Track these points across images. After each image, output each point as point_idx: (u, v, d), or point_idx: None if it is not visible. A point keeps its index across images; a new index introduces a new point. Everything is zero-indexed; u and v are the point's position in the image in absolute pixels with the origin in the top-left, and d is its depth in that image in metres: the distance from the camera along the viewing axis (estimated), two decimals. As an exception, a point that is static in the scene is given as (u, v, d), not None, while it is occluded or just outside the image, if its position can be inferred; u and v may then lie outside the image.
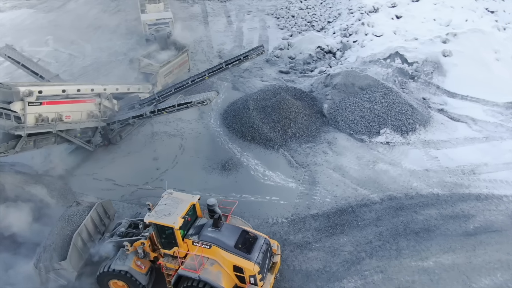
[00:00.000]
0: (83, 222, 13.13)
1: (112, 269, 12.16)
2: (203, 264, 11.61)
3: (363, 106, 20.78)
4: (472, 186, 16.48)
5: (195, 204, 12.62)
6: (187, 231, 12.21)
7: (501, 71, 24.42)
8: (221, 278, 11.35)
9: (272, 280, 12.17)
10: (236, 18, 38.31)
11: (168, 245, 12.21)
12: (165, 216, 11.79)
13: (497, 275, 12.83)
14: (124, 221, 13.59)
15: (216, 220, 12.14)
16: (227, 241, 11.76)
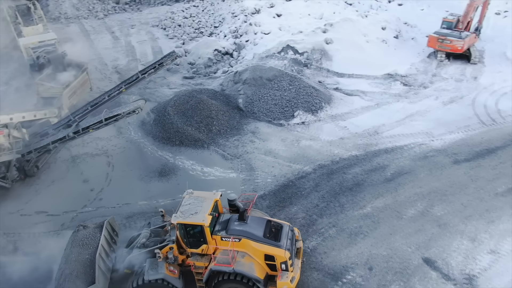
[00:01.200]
0: (100, 242, 12.68)
1: (147, 280, 11.87)
2: (235, 257, 11.84)
3: (275, 95, 22.90)
4: (379, 143, 19.73)
5: (218, 201, 12.85)
6: (213, 228, 12.31)
7: (372, 50, 29.11)
8: (254, 269, 11.70)
9: (300, 265, 12.68)
10: (121, 33, 37.61)
11: (196, 243, 12.31)
12: (192, 215, 11.91)
13: (418, 204, 15.88)
14: (143, 232, 13.24)
15: (242, 214, 12.41)
16: (255, 232, 12.06)
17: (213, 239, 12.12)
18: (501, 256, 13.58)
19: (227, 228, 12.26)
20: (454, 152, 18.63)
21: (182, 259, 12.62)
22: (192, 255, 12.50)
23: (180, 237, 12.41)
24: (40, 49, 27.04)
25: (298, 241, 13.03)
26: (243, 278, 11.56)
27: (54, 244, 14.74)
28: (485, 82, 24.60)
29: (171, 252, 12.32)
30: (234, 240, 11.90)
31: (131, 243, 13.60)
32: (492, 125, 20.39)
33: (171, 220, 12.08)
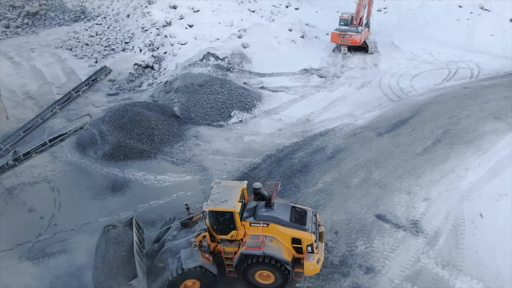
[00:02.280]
0: (134, 239, 12.82)
1: (186, 269, 12.13)
2: (264, 241, 12.36)
3: (209, 99, 23.89)
4: (313, 129, 21.95)
5: (244, 190, 13.31)
6: (241, 215, 12.74)
7: (284, 50, 31.82)
8: (282, 251, 12.31)
9: (324, 247, 13.34)
10: (22, 58, 35.23)
11: (226, 230, 12.74)
12: (222, 203, 12.34)
13: (359, 173, 18.26)
14: (174, 225, 13.41)
15: (268, 200, 12.93)
16: (282, 217, 12.61)
17: (242, 225, 12.69)
18: (433, 201, 16.43)
19: (255, 214, 12.82)
20: (376, 127, 21.62)
21: (213, 247, 13.02)
22: (222, 241, 13.01)
23: (210, 225, 12.83)
24: None
25: (320, 226, 13.69)
26: (272, 260, 12.20)
27: (19, 277, 13.89)
28: (384, 67, 28.69)
29: (205, 240, 12.68)
30: (263, 225, 12.47)
31: (159, 239, 13.63)
32: (399, 101, 24.04)
33: (203, 207, 12.43)
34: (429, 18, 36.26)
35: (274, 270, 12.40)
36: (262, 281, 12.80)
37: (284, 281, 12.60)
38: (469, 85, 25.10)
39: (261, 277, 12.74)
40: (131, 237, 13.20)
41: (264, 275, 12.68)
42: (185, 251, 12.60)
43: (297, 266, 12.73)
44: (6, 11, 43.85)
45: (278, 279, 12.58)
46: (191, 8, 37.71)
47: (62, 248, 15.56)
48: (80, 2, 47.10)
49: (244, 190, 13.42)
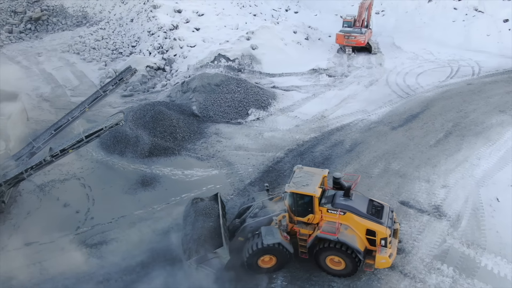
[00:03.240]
0: (220, 212, 13.95)
1: (266, 244, 12.85)
2: (339, 228, 12.88)
3: (226, 98, 24.71)
4: (329, 124, 22.94)
5: (325, 177, 13.88)
6: (320, 200, 13.28)
7: (291, 51, 32.82)
8: (356, 240, 12.79)
9: (397, 244, 13.64)
10: (30, 62, 35.54)
11: (303, 212, 13.36)
12: (303, 187, 12.97)
13: (379, 164, 19.28)
14: (256, 204, 14.18)
15: (348, 190, 13.39)
16: (359, 208, 13.05)
17: (319, 210, 13.26)
18: (451, 188, 17.51)
19: (333, 202, 13.30)
20: (389, 121, 22.71)
21: (290, 227, 13.63)
22: (298, 223, 13.64)
23: (289, 206, 13.46)
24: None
25: (395, 223, 13.92)
26: (343, 247, 12.70)
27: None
28: (389, 66, 29.94)
29: (284, 220, 13.39)
30: (340, 213, 12.96)
31: (240, 215, 14.49)
32: (407, 97, 25.23)
33: (285, 188, 13.11)
34: (425, 20, 37.75)
35: (346, 257, 12.88)
36: (332, 266, 13.37)
37: (354, 269, 13.08)
38: (472, 82, 26.46)
39: (332, 262, 13.31)
40: (217, 210, 14.20)
41: (335, 261, 13.23)
42: (265, 228, 13.31)
43: (368, 257, 13.14)
44: (8, 17, 43.93)
45: (348, 266, 13.07)
46: (195, 12, 38.51)
47: (102, 239, 16.16)
48: (81, 8, 47.41)
49: (325, 177, 13.93)
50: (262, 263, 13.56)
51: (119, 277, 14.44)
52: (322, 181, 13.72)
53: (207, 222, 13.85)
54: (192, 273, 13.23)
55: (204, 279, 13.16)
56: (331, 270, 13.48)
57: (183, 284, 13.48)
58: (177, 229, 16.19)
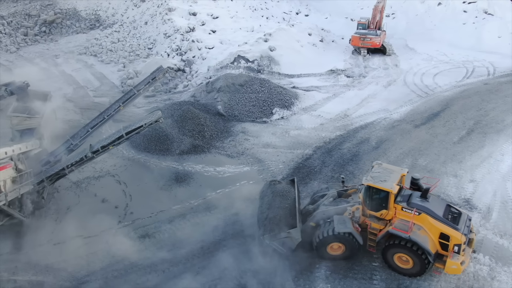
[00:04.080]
0: (296, 195, 14.59)
1: (337, 232, 13.28)
2: (412, 227, 12.86)
3: (250, 98, 25.30)
4: (353, 123, 23.55)
5: (404, 176, 13.95)
6: (395, 197, 13.37)
7: (307, 53, 33.51)
8: (428, 242, 12.71)
9: (470, 253, 13.33)
10: (48, 64, 36.02)
11: (377, 207, 13.54)
12: (381, 182, 13.14)
13: (406, 160, 19.85)
14: (331, 193, 14.69)
15: (425, 191, 13.31)
16: (436, 210, 12.94)
17: (393, 207, 13.27)
18: (478, 182, 18.09)
19: (409, 201, 13.26)
20: (411, 120, 23.34)
21: (362, 220, 13.94)
22: (370, 216, 13.84)
23: (363, 199, 13.75)
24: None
25: (472, 232, 13.59)
26: (414, 246, 12.68)
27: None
28: (405, 67, 30.65)
29: (358, 212, 13.75)
30: (414, 213, 12.85)
31: (314, 202, 15.02)
32: (427, 97, 25.90)
33: (362, 181, 13.46)
34: (436, 23, 38.58)
35: (415, 257, 12.87)
36: (400, 264, 13.41)
37: (422, 270, 13.06)
38: (488, 82, 27.17)
39: (400, 260, 13.36)
40: (293, 194, 14.81)
41: (403, 259, 13.25)
42: (338, 217, 13.78)
43: (438, 261, 13.08)
44: (23, 20, 44.42)
45: (416, 266, 13.07)
46: (210, 15, 39.18)
47: (145, 232, 16.65)
48: (94, 11, 48.00)
49: (403, 176, 13.98)
50: (330, 250, 14.00)
51: (166, 268, 14.93)
52: (400, 179, 13.76)
53: (283, 203, 14.59)
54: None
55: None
56: (398, 268, 13.53)
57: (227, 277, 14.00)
58: (216, 223, 16.88)
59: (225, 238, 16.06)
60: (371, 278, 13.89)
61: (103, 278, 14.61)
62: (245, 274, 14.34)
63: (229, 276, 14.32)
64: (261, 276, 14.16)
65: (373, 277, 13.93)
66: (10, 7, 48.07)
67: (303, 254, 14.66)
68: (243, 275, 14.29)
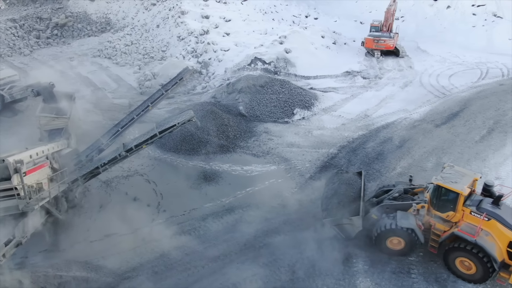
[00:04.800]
0: (362, 186, 15.06)
1: (399, 227, 13.48)
2: (479, 232, 12.63)
3: (271, 98, 25.64)
4: (375, 123, 23.92)
5: (476, 180, 13.83)
6: (465, 201, 13.26)
7: (321, 55, 33.94)
8: (495, 249, 12.43)
9: None
10: (63, 66, 36.14)
11: (443, 208, 13.56)
12: (452, 183, 13.12)
13: (430, 158, 20.22)
14: (397, 189, 14.86)
15: (498, 198, 13.12)
16: (507, 219, 12.62)
17: (461, 210, 13.17)
18: (504, 179, 18.46)
19: (479, 206, 13.06)
20: (431, 120, 23.74)
21: (425, 219, 14.04)
22: (435, 217, 13.88)
23: (430, 198, 13.89)
24: (6, 86, 25.49)
25: None
26: (479, 253, 12.48)
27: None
28: (419, 69, 31.11)
29: (423, 210, 13.83)
30: (484, 218, 12.67)
31: (378, 195, 15.37)
32: (444, 97, 26.33)
33: (432, 180, 13.59)
34: (445, 25, 39.21)
35: (479, 263, 12.64)
36: (461, 268, 13.28)
37: (485, 277, 12.83)
38: (503, 83, 27.66)
39: (461, 264, 13.23)
40: (359, 184, 15.21)
41: (465, 264, 13.11)
42: (402, 213, 13.99)
43: (503, 270, 12.78)
44: (34, 23, 44.68)
45: (479, 273, 12.85)
46: (222, 18, 39.58)
47: (180, 230, 16.87)
48: (104, 14, 48.33)
49: (476, 180, 13.86)
50: (390, 244, 14.20)
51: (205, 264, 15.16)
52: (472, 183, 13.70)
53: (349, 191, 14.99)
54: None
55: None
56: (459, 272, 13.42)
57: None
58: (249, 220, 17.15)
59: (260, 235, 16.30)
60: (409, 272, 14.19)
61: (144, 274, 14.80)
62: (281, 271, 14.60)
63: (268, 271, 14.58)
64: (300, 272, 14.43)
65: (410, 271, 14.23)
66: (21, 10, 48.41)
67: (340, 248, 15.00)
68: (281, 271, 14.54)
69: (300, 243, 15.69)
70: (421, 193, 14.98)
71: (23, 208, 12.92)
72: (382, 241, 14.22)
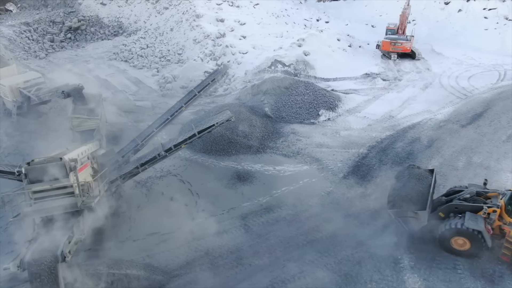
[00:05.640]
0: (433, 183, 15.24)
1: (465, 227, 13.64)
2: None
3: (296, 100, 25.90)
4: (401, 123, 24.22)
5: None
6: None
7: (339, 57, 34.30)
8: None
9: None
10: (81, 69, 36.14)
11: None
12: None
13: (460, 158, 20.53)
14: (469, 190, 14.97)
15: None
16: None
17: None
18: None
19: None
20: (456, 120, 24.07)
21: (496, 225, 14.09)
22: (510, 224, 13.93)
23: (505, 205, 13.98)
24: (32, 88, 25.60)
25: None
26: None
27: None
28: (437, 71, 31.51)
29: (494, 214, 13.85)
30: None
31: (448, 194, 15.45)
32: (466, 98, 26.69)
33: (510, 187, 13.93)
34: (457, 28, 39.69)
35: None
36: None
37: None
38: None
39: None
40: (430, 180, 15.42)
41: None
42: (471, 214, 14.07)
43: None
44: (47, 26, 44.78)
45: None
46: (237, 21, 39.88)
47: (222, 228, 17.05)
48: (116, 18, 48.49)
49: None
50: (454, 244, 14.30)
51: (251, 262, 15.33)
52: None
53: (417, 186, 15.18)
54: None
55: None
56: None
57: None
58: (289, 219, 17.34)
59: (303, 233, 16.53)
60: (454, 268, 14.40)
61: (192, 272, 14.97)
62: (328, 268, 14.79)
63: (314, 268, 14.76)
64: (346, 269, 14.63)
65: (456, 267, 14.44)
66: (33, 14, 48.49)
67: (383, 245, 15.24)
68: (328, 268, 14.73)
69: (342, 241, 15.93)
70: (494, 198, 14.88)
71: (81, 206, 13.04)
72: (446, 240, 14.36)
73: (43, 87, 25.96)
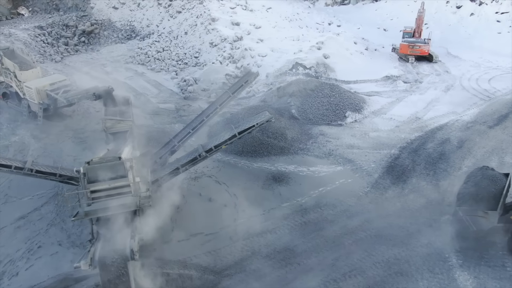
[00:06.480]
0: (506, 186, 14.96)
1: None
2: None
3: (322, 102, 26.07)
4: (428, 125, 24.43)
5: None
6: None
7: (357, 60, 34.56)
8: None
9: None
10: (98, 73, 36.25)
11: None
12: None
13: (492, 158, 20.73)
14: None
15: None
16: None
17: None
18: None
19: None
20: (483, 121, 24.30)
21: None
22: None
23: None
24: (59, 90, 25.64)
25: None
26: None
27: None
28: (457, 73, 31.83)
29: None
30: None
31: None
32: (490, 100, 26.98)
33: None
34: (470, 32, 40.20)
35: None
36: None
37: None
38: (544, 86, 28.49)
39: None
40: (503, 183, 15.30)
41: None
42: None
43: None
44: (61, 30, 44.82)
45: None
46: (252, 25, 40.12)
47: (265, 229, 17.13)
48: (128, 22, 48.60)
49: None
50: None
51: (300, 261, 15.41)
52: None
53: (490, 187, 15.21)
54: None
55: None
56: None
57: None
58: (330, 219, 17.45)
59: (347, 232, 16.64)
60: (503, 265, 14.57)
61: (242, 272, 15.03)
62: (377, 266, 14.90)
63: (364, 266, 14.86)
64: (395, 267, 14.74)
65: (505, 264, 14.61)
66: (46, 18, 48.57)
67: (428, 244, 15.39)
68: (378, 266, 14.84)
69: (387, 240, 16.06)
70: None
71: (140, 205, 13.08)
72: None
73: (71, 89, 26.01)
